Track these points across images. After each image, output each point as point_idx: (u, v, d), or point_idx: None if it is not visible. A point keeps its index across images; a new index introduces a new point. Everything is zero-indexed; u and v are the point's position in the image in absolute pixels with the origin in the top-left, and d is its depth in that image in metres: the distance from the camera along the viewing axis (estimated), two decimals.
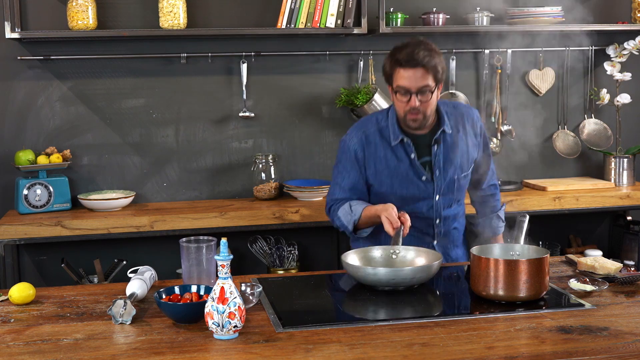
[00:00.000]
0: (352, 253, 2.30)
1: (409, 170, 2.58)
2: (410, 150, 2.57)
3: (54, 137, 3.64)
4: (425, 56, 2.44)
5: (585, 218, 4.17)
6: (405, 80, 2.45)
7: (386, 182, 2.59)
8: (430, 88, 2.47)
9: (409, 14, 3.79)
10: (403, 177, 2.58)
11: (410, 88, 2.46)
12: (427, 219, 2.63)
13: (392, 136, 2.58)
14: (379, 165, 2.59)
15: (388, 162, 2.58)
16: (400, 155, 2.58)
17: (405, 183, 2.58)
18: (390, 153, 2.58)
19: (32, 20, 3.54)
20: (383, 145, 2.59)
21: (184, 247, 2.10)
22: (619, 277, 2.22)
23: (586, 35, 4.04)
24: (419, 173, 2.59)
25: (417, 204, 2.61)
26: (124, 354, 1.71)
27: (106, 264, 3.50)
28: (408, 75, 2.45)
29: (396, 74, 2.48)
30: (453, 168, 2.61)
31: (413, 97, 2.47)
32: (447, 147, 2.60)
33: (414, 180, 2.59)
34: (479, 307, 2.02)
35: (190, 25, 3.61)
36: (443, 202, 2.63)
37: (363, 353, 1.69)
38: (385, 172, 2.59)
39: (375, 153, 2.59)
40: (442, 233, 2.67)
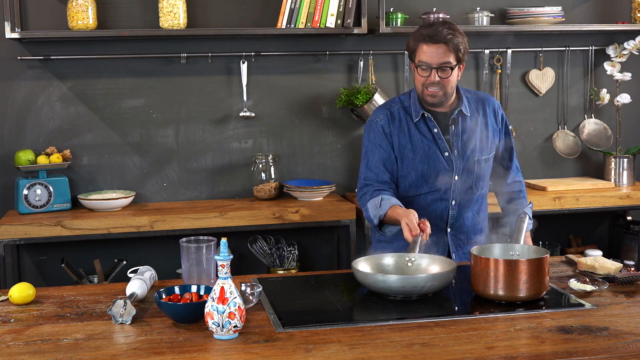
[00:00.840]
0: (363, 260, 2.27)
1: (432, 144, 2.63)
2: (433, 125, 2.63)
3: (54, 137, 3.64)
4: (448, 34, 2.51)
5: (585, 218, 4.17)
6: (427, 55, 2.53)
7: (408, 156, 2.63)
8: (451, 65, 2.54)
9: (409, 14, 3.79)
10: (425, 151, 2.63)
11: (432, 63, 2.53)
12: (443, 200, 2.65)
13: (414, 113, 2.64)
14: (403, 140, 2.64)
15: (412, 136, 2.64)
16: (423, 130, 2.64)
17: (426, 158, 2.63)
18: (413, 128, 2.64)
19: (32, 20, 3.54)
20: (407, 120, 2.65)
21: (184, 247, 2.10)
22: (619, 277, 2.22)
23: (586, 35, 4.04)
24: (442, 148, 2.63)
25: (436, 182, 2.64)
26: (124, 354, 1.71)
27: (106, 264, 3.50)
28: (430, 51, 2.52)
29: (419, 49, 2.55)
30: (472, 149, 2.65)
31: (433, 72, 2.54)
32: (465, 128, 2.65)
33: (436, 155, 2.63)
34: (479, 307, 2.02)
35: (190, 25, 3.62)
36: (461, 185, 2.65)
37: (363, 353, 1.69)
38: (408, 147, 2.63)
39: (400, 127, 2.65)
40: (456, 219, 2.66)
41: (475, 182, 2.68)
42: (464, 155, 2.64)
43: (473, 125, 2.67)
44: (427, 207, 2.65)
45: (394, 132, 2.65)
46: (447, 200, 2.65)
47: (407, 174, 2.65)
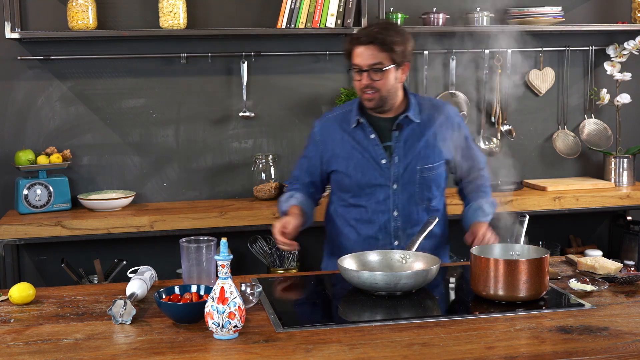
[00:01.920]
0: (348, 257, 2.28)
1: (366, 152, 2.53)
2: (370, 132, 2.53)
3: (54, 137, 3.64)
4: (378, 33, 2.42)
5: (585, 218, 4.17)
6: (358, 57, 2.45)
7: (342, 164, 2.56)
8: (383, 66, 2.42)
9: (409, 14, 3.79)
10: (359, 160, 2.53)
11: (362, 65, 2.44)
12: (383, 210, 2.53)
13: (352, 120, 2.56)
14: (337, 148, 2.57)
15: (344, 144, 2.56)
16: (358, 137, 2.55)
17: (360, 167, 2.53)
18: (347, 136, 2.56)
19: (32, 20, 3.54)
20: (342, 127, 2.57)
21: (184, 247, 2.10)
22: (619, 277, 2.22)
23: (586, 35, 4.04)
24: (378, 156, 2.52)
25: (375, 191, 2.54)
26: (124, 354, 1.71)
27: (106, 264, 3.50)
28: (361, 52, 2.44)
29: (353, 52, 2.47)
30: (415, 157, 2.53)
31: (364, 75, 2.44)
32: (411, 135, 2.53)
33: (371, 164, 2.52)
34: (479, 307, 2.02)
35: (190, 25, 3.61)
36: (402, 194, 2.53)
37: (363, 353, 1.69)
38: (342, 155, 2.56)
39: (334, 135, 2.58)
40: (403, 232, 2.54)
41: (419, 193, 2.54)
42: (404, 162, 2.52)
43: (420, 132, 2.54)
44: (370, 218, 2.55)
45: (327, 141, 2.59)
46: (388, 211, 2.54)
47: (343, 182, 2.58)
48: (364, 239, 2.58)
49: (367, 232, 2.57)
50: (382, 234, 2.56)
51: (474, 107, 4.03)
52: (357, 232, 2.59)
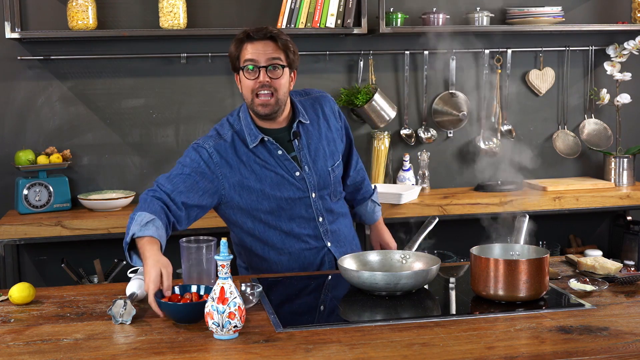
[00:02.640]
0: (349, 257, 2.28)
1: (278, 168, 2.37)
2: (275, 148, 2.36)
3: (54, 137, 3.64)
4: (273, 29, 2.32)
5: (585, 218, 4.17)
6: (254, 53, 2.29)
7: (256, 187, 2.35)
8: (282, 63, 2.30)
9: (409, 14, 3.80)
10: (272, 179, 2.36)
11: (259, 61, 2.29)
12: (309, 220, 2.44)
13: (249, 138, 2.35)
14: (244, 170, 2.34)
15: (252, 166, 2.35)
16: (264, 156, 2.36)
17: (277, 185, 2.37)
18: (252, 156, 2.35)
19: (32, 20, 3.54)
20: (243, 149, 2.35)
21: (184, 247, 2.10)
22: (619, 277, 2.22)
23: (586, 35, 4.04)
24: (291, 169, 2.38)
25: (295, 207, 2.40)
26: (124, 354, 1.71)
27: (106, 264, 3.50)
28: (257, 48, 2.29)
29: (243, 50, 2.32)
30: (323, 159, 2.43)
31: (262, 72, 2.28)
32: (310, 138, 2.43)
33: (286, 179, 2.37)
34: (479, 307, 2.02)
35: (190, 25, 3.62)
36: (321, 199, 2.45)
37: (363, 353, 1.69)
38: (251, 178, 2.35)
39: (236, 158, 2.34)
40: (331, 232, 2.49)
41: (333, 192, 2.49)
42: (316, 169, 2.41)
43: (315, 132, 2.44)
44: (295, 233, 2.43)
45: (231, 164, 2.33)
46: (314, 219, 2.44)
47: (259, 205, 2.37)
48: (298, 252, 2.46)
49: (298, 246, 2.46)
50: (314, 241, 2.47)
51: (474, 107, 4.03)
52: (288, 251, 2.46)
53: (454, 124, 3.99)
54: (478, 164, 4.02)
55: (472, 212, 3.61)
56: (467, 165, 4.05)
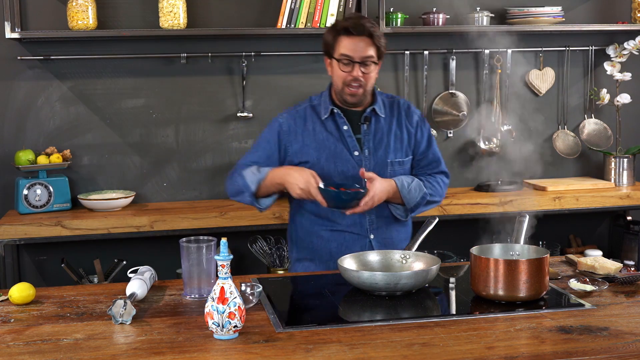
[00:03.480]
0: (348, 257, 2.28)
1: (339, 143, 2.51)
2: (342, 122, 2.52)
3: (54, 137, 3.64)
4: (370, 26, 2.41)
5: (585, 218, 4.17)
6: (349, 48, 2.42)
7: (313, 156, 2.50)
8: (374, 59, 2.44)
9: (409, 14, 3.80)
10: (331, 150, 2.50)
11: (354, 57, 2.42)
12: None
13: (322, 111, 2.53)
14: (307, 139, 2.52)
15: (317, 135, 2.51)
16: (330, 128, 2.52)
17: (333, 157, 2.50)
18: (319, 126, 2.52)
19: (32, 20, 3.54)
20: (313, 119, 2.54)
21: (184, 247, 2.10)
22: (619, 277, 2.22)
23: (586, 35, 4.04)
24: (351, 147, 2.51)
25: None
26: (124, 354, 1.71)
27: (106, 264, 3.50)
28: (354, 43, 2.41)
29: (340, 42, 2.43)
30: (384, 150, 2.54)
31: (356, 67, 2.42)
32: (378, 129, 2.54)
33: (343, 155, 2.51)
34: (479, 307, 2.02)
35: (190, 25, 3.62)
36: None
37: (363, 353, 1.69)
38: (312, 145, 2.51)
39: (304, 126, 2.53)
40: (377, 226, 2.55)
41: None
42: (375, 155, 2.53)
43: (386, 126, 2.56)
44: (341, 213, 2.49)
45: (297, 132, 2.53)
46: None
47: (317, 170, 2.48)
48: (339, 234, 2.54)
49: (340, 227, 2.54)
50: (357, 228, 2.55)
51: (474, 107, 4.03)
52: (330, 230, 2.55)
53: (454, 124, 3.99)
54: (478, 164, 4.02)
55: (472, 212, 3.61)
56: (467, 165, 4.05)
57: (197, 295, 2.10)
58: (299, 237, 2.62)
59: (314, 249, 2.58)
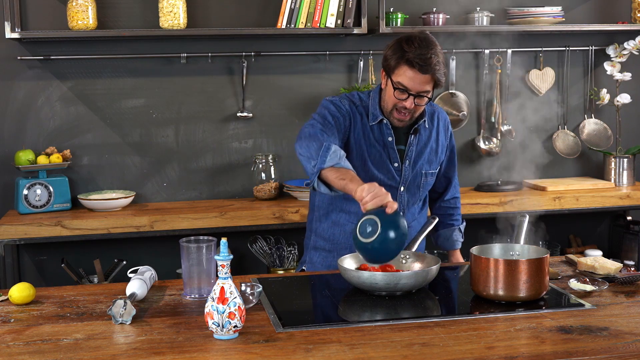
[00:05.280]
0: (348, 257, 2.28)
1: (382, 152, 2.52)
2: (389, 134, 2.51)
3: (54, 137, 3.64)
4: (436, 64, 2.36)
5: (585, 218, 4.17)
6: (409, 81, 2.37)
7: (359, 157, 2.50)
8: (429, 94, 2.42)
9: (409, 14, 3.80)
10: (376, 157, 2.51)
11: (412, 90, 2.39)
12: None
13: (371, 116, 2.51)
14: (358, 139, 2.50)
15: (366, 137, 2.50)
16: (377, 135, 2.51)
17: (376, 164, 2.52)
18: (368, 130, 2.51)
19: (32, 20, 3.54)
20: (364, 121, 2.51)
21: (184, 247, 2.10)
22: (619, 277, 2.22)
23: (586, 35, 4.04)
24: (392, 158, 2.53)
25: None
26: (124, 354, 1.71)
27: (106, 264, 3.50)
28: (413, 77, 2.36)
29: (401, 70, 2.37)
30: (422, 162, 2.58)
31: (410, 99, 2.40)
32: (421, 140, 2.57)
33: (385, 164, 2.52)
34: (479, 307, 2.02)
35: (190, 25, 3.62)
36: (407, 196, 2.58)
37: (363, 353, 1.69)
38: (363, 146, 2.50)
39: (359, 125, 2.51)
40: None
41: (419, 195, 2.62)
42: (414, 167, 2.56)
43: (426, 138, 2.59)
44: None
45: (355, 126, 2.50)
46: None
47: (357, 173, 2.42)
48: None
49: None
50: None
51: (474, 107, 4.03)
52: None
53: (454, 124, 3.99)
54: (478, 164, 4.03)
55: (472, 212, 3.61)
56: (467, 165, 4.05)
57: (197, 295, 2.10)
58: (322, 226, 2.63)
59: (334, 240, 2.61)
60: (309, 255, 2.68)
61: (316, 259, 2.65)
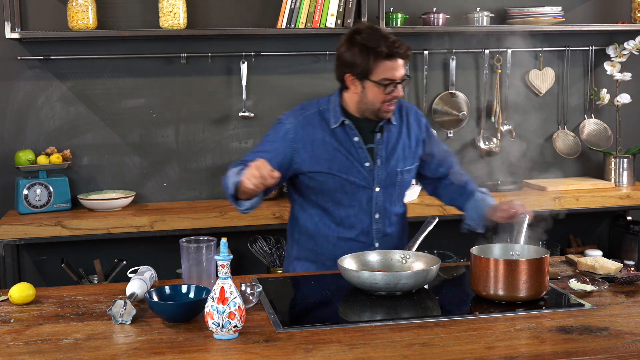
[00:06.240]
0: (348, 257, 2.28)
1: (349, 154, 2.48)
2: (353, 134, 2.48)
3: (54, 137, 3.64)
4: (405, 46, 2.42)
5: (585, 218, 4.17)
6: (393, 71, 2.39)
7: (324, 165, 2.47)
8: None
9: (409, 14, 3.80)
10: (342, 161, 2.47)
11: (396, 79, 2.40)
12: (366, 213, 2.52)
13: (332, 119, 2.48)
14: (317, 149, 2.47)
15: (326, 145, 2.47)
16: (341, 138, 2.48)
17: (344, 168, 2.47)
18: (329, 136, 2.47)
19: (32, 20, 3.54)
20: (322, 127, 2.48)
21: (184, 247, 2.10)
22: (619, 277, 2.22)
23: (586, 35, 4.04)
24: (362, 158, 2.49)
25: (357, 193, 2.50)
26: (124, 354, 1.71)
27: (106, 264, 3.50)
28: (395, 66, 2.39)
29: (380, 65, 2.38)
30: (395, 159, 2.53)
31: (399, 87, 2.41)
32: (391, 137, 2.53)
33: (354, 166, 2.48)
34: (479, 307, 2.02)
35: (190, 25, 3.62)
36: (384, 196, 2.53)
37: (363, 353, 1.69)
38: (323, 156, 2.47)
39: (313, 135, 2.47)
40: (383, 234, 2.56)
41: (397, 194, 2.57)
42: (387, 165, 2.51)
43: (397, 134, 2.54)
44: (350, 222, 2.52)
45: (306, 140, 2.47)
46: (370, 214, 2.53)
47: (324, 185, 2.49)
48: (346, 242, 2.53)
49: (348, 235, 2.53)
50: (364, 237, 2.54)
51: (474, 107, 4.03)
52: (337, 237, 2.54)
53: (454, 124, 3.99)
54: (478, 164, 4.02)
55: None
56: (467, 165, 4.04)
57: None
58: (302, 237, 2.60)
59: (317, 251, 2.57)
60: (292, 265, 2.64)
61: (299, 269, 2.60)
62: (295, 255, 2.64)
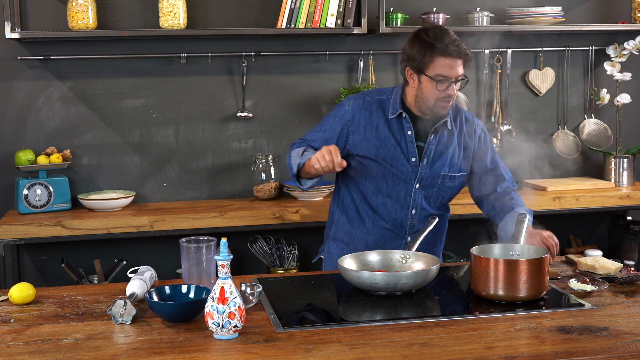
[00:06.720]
0: (348, 257, 2.28)
1: (398, 146, 2.55)
2: (408, 127, 2.55)
3: (54, 137, 3.64)
4: (467, 50, 2.47)
5: (585, 218, 4.17)
6: (448, 69, 2.44)
7: (372, 151, 2.55)
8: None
9: (409, 14, 3.79)
10: (390, 151, 2.55)
11: (451, 77, 2.45)
12: (403, 207, 2.59)
13: (391, 109, 2.56)
14: (369, 134, 2.55)
15: (379, 132, 2.55)
16: (395, 129, 2.55)
17: (389, 158, 2.55)
18: (383, 124, 2.55)
19: (32, 20, 3.54)
20: (379, 115, 2.56)
21: (184, 247, 2.10)
22: (619, 277, 2.22)
23: (586, 35, 4.04)
24: (410, 152, 2.55)
25: (397, 185, 2.57)
26: (124, 354, 1.71)
27: (106, 264, 3.50)
28: (451, 64, 2.44)
29: (436, 61, 2.44)
30: (441, 163, 2.58)
31: (452, 86, 2.46)
32: (442, 141, 2.58)
33: (400, 158, 2.55)
34: (479, 307, 2.02)
35: (190, 25, 3.61)
36: (422, 194, 2.59)
37: (363, 353, 1.69)
38: (373, 142, 2.55)
39: (369, 120, 2.56)
40: (416, 229, 2.60)
41: (435, 196, 2.61)
42: (432, 166, 2.57)
43: (450, 140, 2.59)
44: (386, 210, 2.59)
45: (360, 123, 2.56)
46: (407, 208, 2.59)
47: (369, 170, 2.57)
48: (380, 229, 2.61)
49: (382, 224, 2.61)
50: (398, 229, 2.61)
51: (474, 107, 4.03)
52: (372, 223, 2.62)
53: None
54: None
55: (472, 212, 3.60)
56: None
57: None
58: (342, 218, 2.67)
59: (352, 234, 2.64)
60: (328, 244, 2.73)
61: (334, 249, 2.68)
62: (332, 235, 2.71)
